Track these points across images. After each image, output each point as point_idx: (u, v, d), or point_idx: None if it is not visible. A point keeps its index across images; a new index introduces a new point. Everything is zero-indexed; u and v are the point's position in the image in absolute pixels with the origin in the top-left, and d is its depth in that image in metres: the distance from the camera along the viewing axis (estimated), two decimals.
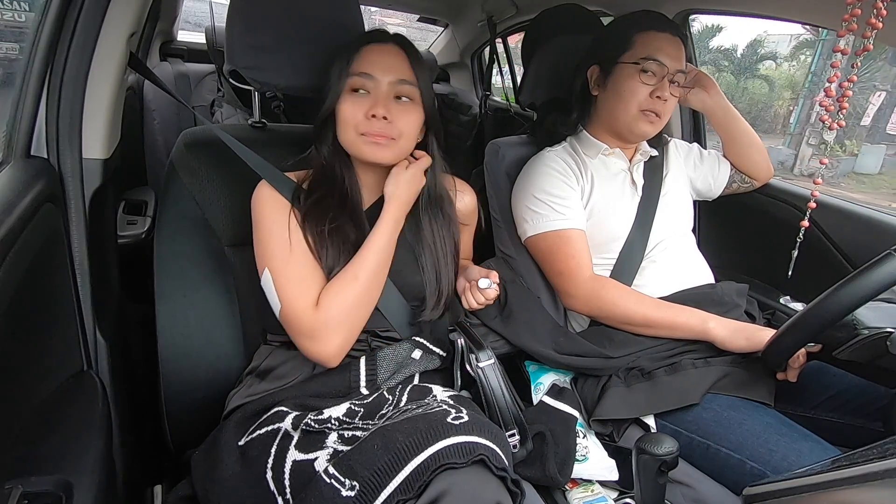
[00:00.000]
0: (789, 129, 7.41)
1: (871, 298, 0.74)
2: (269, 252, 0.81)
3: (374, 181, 0.90)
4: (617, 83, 1.05)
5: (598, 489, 0.89)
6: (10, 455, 0.61)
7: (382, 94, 0.83)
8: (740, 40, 7.95)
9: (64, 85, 0.79)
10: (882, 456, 0.46)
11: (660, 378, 0.96)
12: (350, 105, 0.83)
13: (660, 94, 1.03)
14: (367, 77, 0.83)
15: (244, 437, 0.76)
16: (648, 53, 1.02)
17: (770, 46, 8.61)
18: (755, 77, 8.52)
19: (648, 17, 1.08)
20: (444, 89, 2.53)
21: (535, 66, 1.29)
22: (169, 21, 2.19)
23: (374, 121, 0.81)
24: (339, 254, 0.82)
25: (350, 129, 0.83)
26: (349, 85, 0.83)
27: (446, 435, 0.63)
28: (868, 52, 0.69)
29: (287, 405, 0.78)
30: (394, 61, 0.84)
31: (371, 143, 0.82)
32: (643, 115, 1.05)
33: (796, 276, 0.88)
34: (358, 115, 0.82)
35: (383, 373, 0.82)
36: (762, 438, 0.84)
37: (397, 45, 0.86)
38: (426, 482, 0.60)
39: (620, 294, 1.04)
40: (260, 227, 0.83)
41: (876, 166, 7.47)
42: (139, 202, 1.25)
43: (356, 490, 0.61)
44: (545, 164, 1.10)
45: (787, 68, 8.63)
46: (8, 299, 0.59)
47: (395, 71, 0.83)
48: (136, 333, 1.01)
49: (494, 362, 0.83)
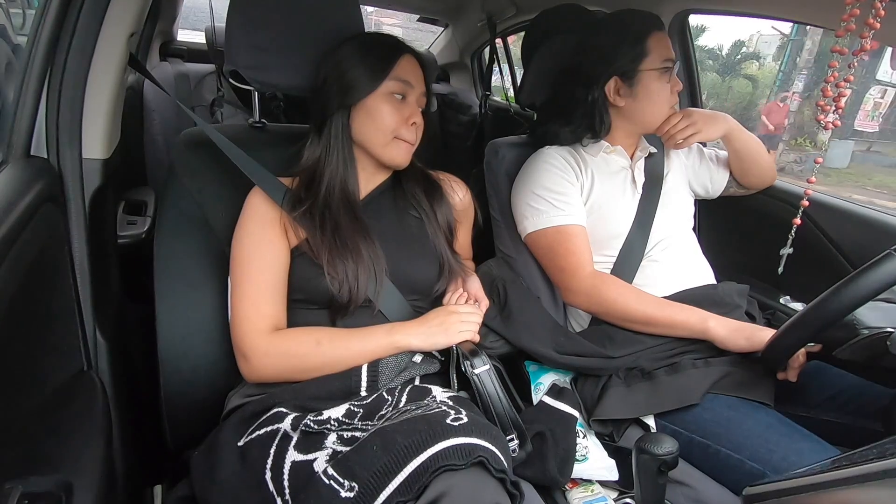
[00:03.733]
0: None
1: (871, 298, 0.74)
2: (236, 261, 0.85)
3: (372, 169, 0.93)
4: (648, 90, 1.06)
5: (598, 489, 0.89)
6: (10, 455, 0.61)
7: (414, 102, 0.89)
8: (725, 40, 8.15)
9: (64, 85, 0.79)
10: (882, 456, 0.46)
11: (660, 378, 0.96)
12: (390, 108, 0.86)
13: (677, 87, 1.09)
14: (407, 84, 0.87)
15: (243, 437, 0.76)
16: (666, 56, 1.05)
17: (761, 47, 8.75)
18: (740, 76, 8.70)
19: (645, 18, 1.08)
20: (444, 89, 2.53)
21: (535, 66, 1.29)
22: (169, 21, 2.19)
23: (412, 128, 0.88)
24: (334, 250, 0.83)
25: (387, 131, 0.87)
26: (388, 88, 0.86)
27: (446, 436, 0.63)
28: (866, 51, 0.69)
29: (286, 406, 0.78)
30: (420, 74, 0.90)
31: (402, 148, 0.89)
32: (672, 110, 1.10)
33: (796, 276, 0.88)
34: (397, 119, 0.86)
35: (384, 378, 0.82)
36: (762, 438, 0.84)
37: (416, 58, 0.91)
38: (425, 484, 0.60)
39: (621, 291, 1.04)
40: (239, 232, 0.86)
41: (844, 161, 7.79)
42: (139, 202, 1.25)
43: (355, 491, 0.61)
44: (545, 161, 1.10)
45: (773, 68, 8.79)
46: (8, 299, 0.59)
47: (422, 83, 0.90)
48: (136, 333, 1.01)
49: (490, 368, 0.83)
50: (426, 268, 0.93)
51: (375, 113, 0.86)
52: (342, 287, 0.83)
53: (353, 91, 0.86)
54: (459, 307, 0.88)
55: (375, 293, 0.86)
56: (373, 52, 0.87)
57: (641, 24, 1.07)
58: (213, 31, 1.91)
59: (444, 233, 0.96)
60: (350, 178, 0.89)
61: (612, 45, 1.07)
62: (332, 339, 0.82)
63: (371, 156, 0.91)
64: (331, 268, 0.82)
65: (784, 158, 7.15)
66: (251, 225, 0.85)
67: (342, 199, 0.88)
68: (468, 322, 0.86)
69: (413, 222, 0.95)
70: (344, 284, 0.83)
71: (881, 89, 7.96)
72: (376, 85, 0.85)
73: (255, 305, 0.82)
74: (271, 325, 0.83)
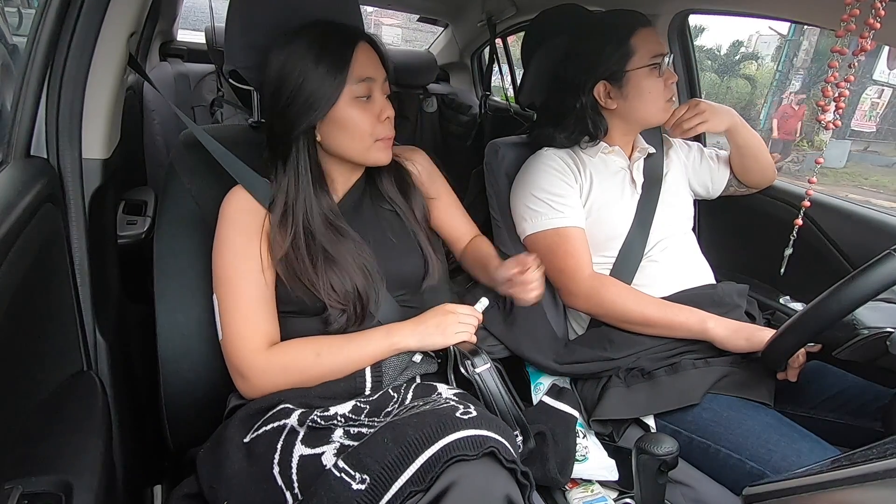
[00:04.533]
0: (759, 125, 7.71)
1: (871, 298, 0.74)
2: (220, 279, 0.81)
3: (347, 171, 0.90)
4: (638, 89, 1.05)
5: (598, 489, 0.89)
6: (10, 455, 0.61)
7: (381, 96, 0.83)
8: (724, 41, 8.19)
9: (64, 85, 0.79)
10: (882, 456, 0.46)
11: (660, 378, 0.96)
12: (360, 112, 0.81)
13: (671, 79, 1.07)
14: (370, 81, 0.81)
15: (249, 434, 0.76)
16: (654, 51, 1.04)
17: (760, 47, 8.80)
18: (738, 77, 8.75)
19: (627, 17, 1.08)
20: (444, 89, 2.53)
21: (535, 66, 1.29)
22: (169, 21, 2.20)
23: (387, 122, 0.82)
24: (332, 274, 0.81)
25: (365, 137, 0.82)
26: (350, 93, 0.80)
27: (456, 428, 0.63)
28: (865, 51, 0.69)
29: (292, 403, 0.78)
30: (377, 60, 0.84)
31: (384, 148, 0.84)
32: (668, 104, 1.08)
33: (796, 276, 0.88)
34: (369, 120, 0.81)
35: (388, 378, 0.82)
36: (762, 439, 0.84)
37: (367, 41, 0.84)
38: (437, 474, 0.60)
39: (620, 292, 1.04)
40: (220, 239, 0.82)
41: (841, 161, 7.87)
42: (139, 202, 1.25)
43: (367, 483, 0.61)
44: (544, 163, 1.10)
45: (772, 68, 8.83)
46: (8, 299, 0.59)
47: (382, 69, 0.84)
48: (136, 333, 1.01)
49: (491, 366, 0.83)
50: (412, 262, 0.92)
51: (345, 122, 0.81)
52: (346, 303, 0.82)
53: (313, 107, 0.79)
54: (457, 307, 0.87)
55: (376, 305, 0.85)
56: (324, 55, 0.79)
57: (625, 24, 1.06)
58: (213, 31, 1.91)
59: (420, 224, 0.94)
60: (324, 198, 0.85)
61: (595, 50, 1.06)
62: (332, 348, 0.81)
63: (349, 162, 0.87)
64: (326, 289, 0.81)
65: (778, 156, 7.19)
66: (231, 233, 0.82)
67: (322, 219, 0.84)
68: (465, 323, 0.85)
69: (389, 216, 0.93)
70: (348, 299, 0.82)
71: (878, 89, 7.99)
72: (337, 94, 0.79)
73: (247, 322, 0.80)
74: (267, 341, 0.81)
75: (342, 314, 0.82)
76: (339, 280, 0.81)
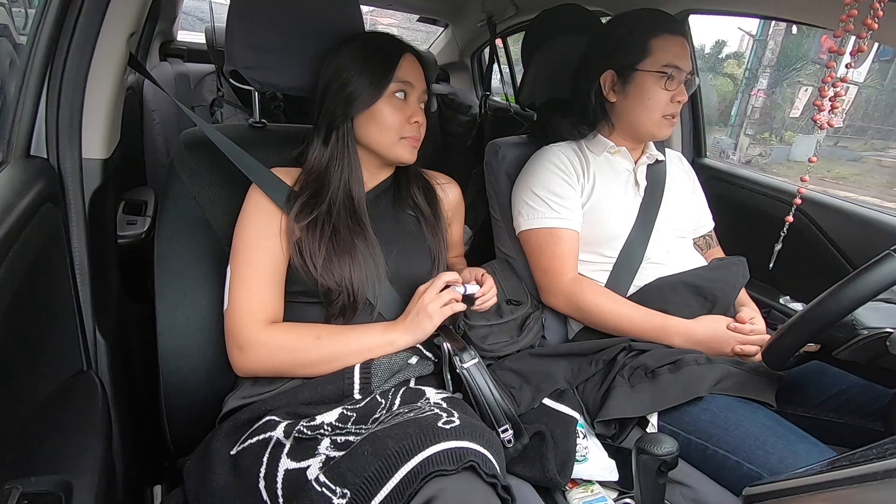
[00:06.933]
0: (730, 120, 7.78)
1: (871, 298, 0.74)
2: (238, 250, 0.85)
3: (375, 168, 0.95)
4: (640, 91, 1.05)
5: (598, 489, 0.89)
6: (10, 455, 0.60)
7: (416, 101, 0.91)
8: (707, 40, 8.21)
9: (64, 85, 0.79)
10: (882, 456, 0.46)
11: (663, 376, 0.96)
12: (393, 110, 0.88)
13: (680, 98, 1.05)
14: (408, 85, 0.89)
15: (235, 446, 0.76)
16: (669, 61, 1.02)
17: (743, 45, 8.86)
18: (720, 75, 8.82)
19: (658, 18, 1.07)
20: (444, 89, 2.53)
21: (535, 66, 1.29)
22: (169, 21, 2.20)
23: (415, 125, 0.90)
24: (331, 254, 0.84)
25: (393, 132, 0.89)
26: (391, 90, 0.88)
27: (437, 440, 0.63)
28: (863, 52, 0.69)
29: (278, 414, 0.78)
30: (420, 72, 0.92)
31: (409, 147, 0.91)
32: (665, 120, 1.06)
33: (796, 277, 0.88)
34: (401, 119, 0.89)
35: (377, 380, 0.82)
36: (759, 440, 0.84)
37: (417, 57, 0.92)
38: (416, 490, 0.60)
39: (598, 295, 1.06)
40: (241, 222, 0.87)
41: (809, 154, 7.83)
42: (139, 202, 1.25)
43: (347, 498, 0.61)
44: (548, 160, 1.11)
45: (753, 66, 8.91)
46: (8, 299, 0.59)
47: (423, 81, 0.92)
48: (136, 333, 1.01)
49: (478, 361, 0.83)
50: (419, 262, 0.94)
51: (379, 117, 0.88)
52: (340, 290, 0.83)
53: (356, 102, 0.87)
54: (424, 287, 0.85)
55: (375, 296, 0.86)
56: (374, 59, 0.88)
57: (650, 24, 1.05)
58: (213, 32, 1.91)
59: (439, 233, 0.97)
60: (355, 180, 0.90)
61: (617, 39, 1.07)
62: (332, 334, 0.83)
63: (377, 155, 0.92)
64: (325, 272, 0.83)
65: (750, 152, 7.37)
66: (255, 216, 0.86)
67: (346, 201, 0.89)
68: (440, 296, 0.84)
69: (410, 221, 0.96)
70: (342, 287, 0.83)
71: (844, 87, 8.05)
72: (379, 94, 0.87)
73: (255, 295, 0.83)
74: (270, 317, 0.83)
75: (336, 300, 0.84)
76: (339, 266, 0.83)
